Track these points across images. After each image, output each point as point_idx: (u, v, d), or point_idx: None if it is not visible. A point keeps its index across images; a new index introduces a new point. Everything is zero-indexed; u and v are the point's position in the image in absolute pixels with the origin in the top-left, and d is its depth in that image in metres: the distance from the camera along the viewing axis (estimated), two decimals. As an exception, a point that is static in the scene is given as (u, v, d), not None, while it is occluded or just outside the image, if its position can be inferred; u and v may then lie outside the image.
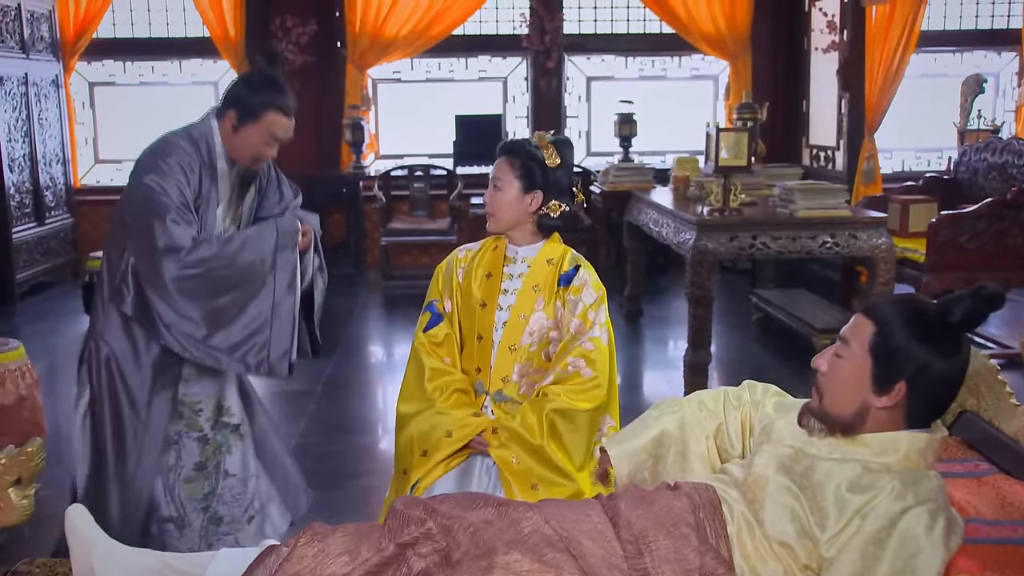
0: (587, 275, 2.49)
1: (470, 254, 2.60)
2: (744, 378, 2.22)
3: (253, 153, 2.59)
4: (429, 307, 2.56)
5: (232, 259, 2.46)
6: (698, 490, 1.83)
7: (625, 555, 1.70)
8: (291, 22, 7.76)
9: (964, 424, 2.06)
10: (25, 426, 3.11)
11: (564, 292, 2.47)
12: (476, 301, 2.50)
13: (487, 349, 2.48)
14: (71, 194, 7.75)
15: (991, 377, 2.00)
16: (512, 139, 2.56)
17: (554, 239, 2.55)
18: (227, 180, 2.64)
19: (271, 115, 2.55)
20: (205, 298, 2.45)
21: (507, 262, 2.54)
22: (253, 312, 2.48)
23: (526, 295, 2.48)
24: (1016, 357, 5.10)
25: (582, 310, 2.44)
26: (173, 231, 2.40)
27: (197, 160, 2.53)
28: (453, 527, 1.73)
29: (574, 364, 2.39)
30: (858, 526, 1.63)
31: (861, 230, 4.52)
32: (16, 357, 3.19)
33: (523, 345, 2.46)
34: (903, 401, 1.73)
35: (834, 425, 1.78)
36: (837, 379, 1.78)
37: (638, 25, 8.20)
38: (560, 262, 2.52)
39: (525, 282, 2.49)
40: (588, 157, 8.33)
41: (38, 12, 7.26)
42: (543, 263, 2.51)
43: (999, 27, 8.04)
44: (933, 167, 8.11)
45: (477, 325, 2.49)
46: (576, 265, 2.51)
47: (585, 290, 2.47)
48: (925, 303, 1.79)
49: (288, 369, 2.52)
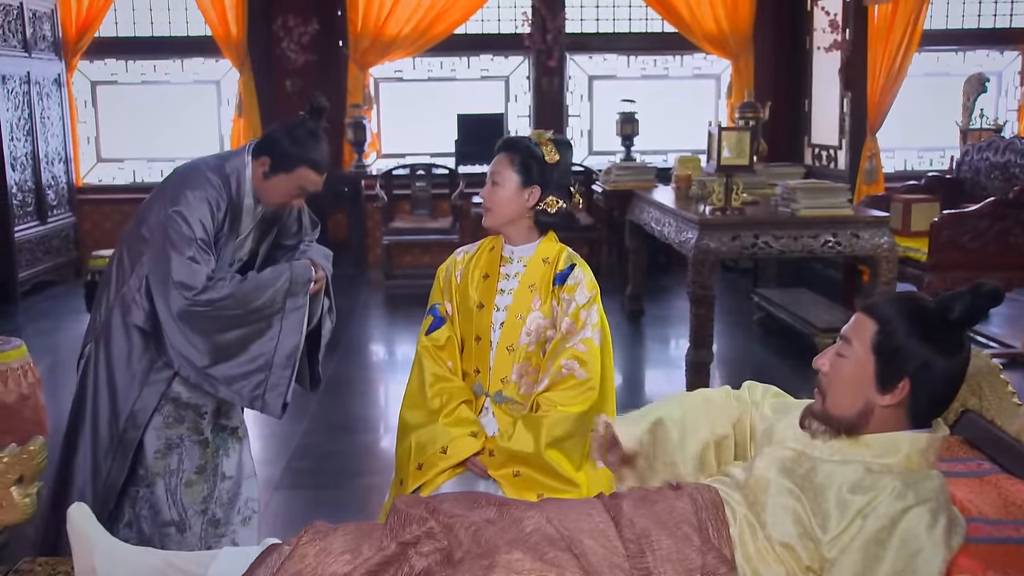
0: (582, 274, 2.47)
1: (468, 256, 2.59)
2: (746, 377, 2.22)
3: (280, 201, 2.63)
4: (432, 310, 2.56)
5: (243, 301, 2.50)
6: (701, 491, 1.83)
7: (627, 554, 1.70)
8: (293, 21, 7.76)
9: (966, 423, 2.06)
10: (27, 425, 3.11)
11: (559, 291, 2.46)
12: (474, 303, 2.49)
13: (485, 350, 2.47)
14: (73, 193, 7.76)
15: (993, 376, 2.00)
16: (511, 136, 2.55)
17: (550, 238, 2.54)
18: (251, 215, 2.67)
19: (303, 170, 2.58)
20: (211, 333, 2.49)
21: (504, 262, 2.53)
22: (256, 351, 2.53)
23: (522, 295, 2.47)
24: (1018, 356, 5.10)
25: (574, 309, 2.43)
26: (189, 268, 2.44)
27: (225, 197, 2.55)
28: (455, 526, 1.73)
29: (568, 366, 2.38)
30: (860, 526, 1.63)
31: (863, 229, 4.52)
32: (18, 356, 3.19)
33: (521, 345, 2.44)
34: (906, 399, 1.73)
35: (838, 426, 1.77)
36: (840, 378, 1.77)
37: (640, 24, 8.20)
38: (556, 261, 2.50)
39: (521, 282, 2.48)
40: (590, 156, 8.33)
41: (40, 11, 7.27)
42: (539, 262, 2.50)
43: (1001, 26, 8.03)
44: (935, 166, 8.10)
45: (475, 326, 2.49)
46: (571, 264, 2.49)
47: (579, 289, 2.45)
48: (925, 300, 1.79)
49: (282, 410, 2.58)
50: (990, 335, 5.57)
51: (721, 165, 4.53)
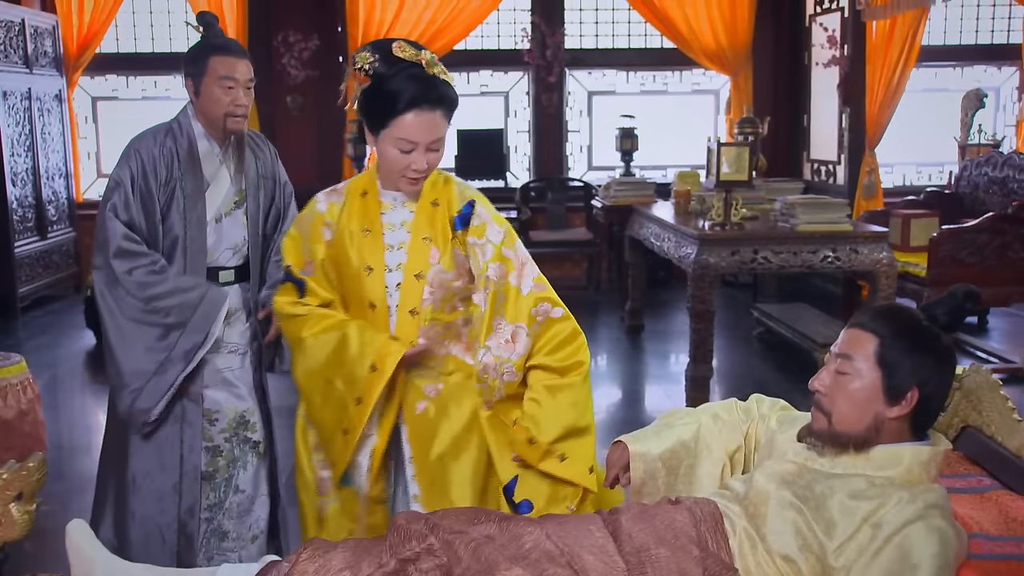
0: (484, 210, 2.16)
1: (334, 208, 2.17)
2: (746, 392, 2.22)
3: (218, 109, 2.58)
4: (288, 276, 2.19)
5: (146, 289, 2.48)
6: (699, 504, 1.83)
7: (627, 568, 1.70)
8: (293, 37, 7.79)
9: (967, 439, 2.06)
10: (26, 440, 3.11)
11: (463, 235, 2.13)
12: (359, 265, 2.12)
13: (384, 317, 2.13)
14: (73, 208, 7.77)
15: (993, 392, 2.00)
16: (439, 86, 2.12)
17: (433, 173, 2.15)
18: (213, 161, 2.64)
19: (214, 60, 2.58)
20: (119, 309, 2.49)
21: (384, 209, 2.16)
22: (143, 357, 2.50)
23: (417, 249, 2.12)
24: (1018, 372, 5.10)
25: (494, 252, 2.11)
26: (104, 222, 2.49)
27: (167, 144, 2.56)
28: (455, 542, 1.72)
29: (541, 312, 2.10)
30: (870, 535, 1.62)
31: (862, 244, 4.53)
32: (17, 371, 3.20)
33: (425, 307, 2.12)
34: (914, 409, 1.75)
35: (847, 443, 1.78)
36: (846, 396, 1.78)
37: (639, 40, 8.23)
38: (448, 200, 2.15)
39: (413, 234, 2.13)
40: (589, 171, 8.35)
41: (42, 27, 7.30)
42: (427, 207, 2.14)
43: (999, 42, 8.06)
44: (934, 181, 8.12)
45: (367, 292, 2.12)
46: (470, 201, 2.16)
47: (489, 228, 2.13)
48: (911, 310, 1.86)
49: (141, 427, 2.55)
50: (990, 350, 5.57)
51: (720, 180, 4.54)
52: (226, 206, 2.66)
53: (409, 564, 1.70)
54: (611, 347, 6.16)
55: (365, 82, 2.11)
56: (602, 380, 5.48)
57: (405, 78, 2.07)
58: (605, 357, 5.99)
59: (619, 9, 8.10)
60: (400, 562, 1.70)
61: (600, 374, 5.64)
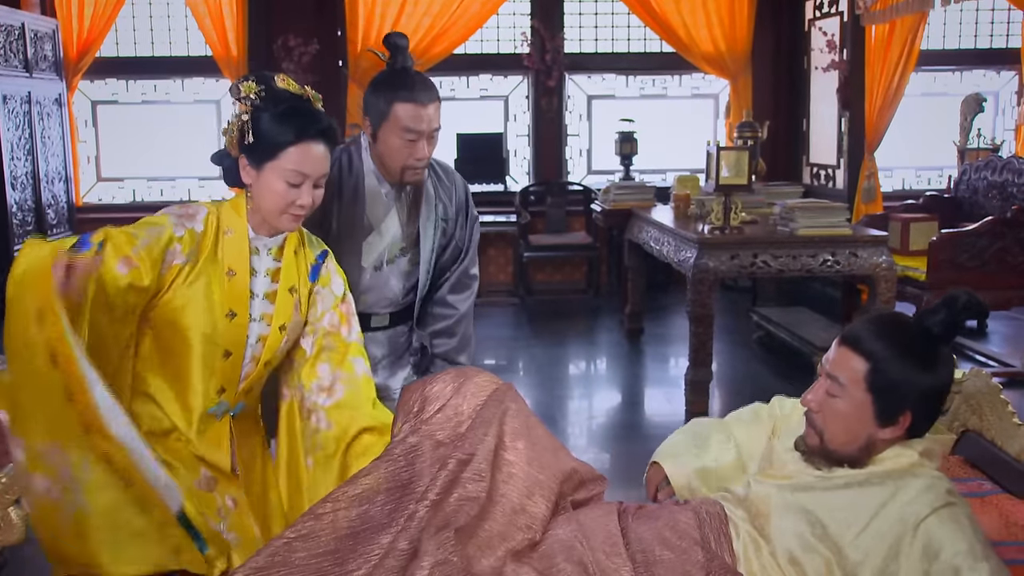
0: (331, 263, 2.14)
1: (194, 237, 1.93)
2: (746, 396, 2.22)
3: (400, 162, 2.36)
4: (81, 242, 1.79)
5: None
6: (705, 504, 1.83)
7: (633, 568, 1.70)
8: (293, 41, 7.79)
9: (967, 444, 2.06)
10: (25, 444, 3.09)
11: (313, 286, 2.10)
12: (220, 308, 1.95)
13: (236, 366, 2.00)
14: (73, 212, 7.76)
15: (993, 396, 2.00)
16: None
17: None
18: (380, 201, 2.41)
19: (397, 107, 2.30)
20: None
21: (252, 254, 2.02)
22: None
23: (285, 301, 2.04)
24: (1018, 376, 5.10)
25: (333, 302, 2.11)
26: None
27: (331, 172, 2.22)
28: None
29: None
30: (893, 526, 1.60)
31: (862, 248, 4.53)
32: (17, 375, 3.18)
33: (277, 357, 2.08)
34: (906, 429, 1.74)
35: (841, 460, 1.77)
36: (836, 418, 1.75)
37: (639, 44, 8.24)
38: (303, 249, 2.10)
39: (281, 284, 2.05)
40: (589, 175, 8.35)
41: (42, 31, 7.30)
42: (291, 255, 2.07)
43: (998, 47, 8.06)
44: (933, 185, 8.12)
45: (222, 338, 1.95)
46: (323, 251, 2.14)
47: (333, 279, 2.12)
48: (904, 322, 1.79)
49: None
50: (990, 354, 5.57)
51: (720, 184, 4.54)
52: (390, 253, 2.48)
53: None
54: (611, 351, 6.16)
55: (247, 111, 1.97)
56: (602, 384, 5.48)
57: (301, 109, 2.00)
58: (605, 361, 5.99)
59: (619, 13, 8.10)
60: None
61: (600, 378, 5.64)
